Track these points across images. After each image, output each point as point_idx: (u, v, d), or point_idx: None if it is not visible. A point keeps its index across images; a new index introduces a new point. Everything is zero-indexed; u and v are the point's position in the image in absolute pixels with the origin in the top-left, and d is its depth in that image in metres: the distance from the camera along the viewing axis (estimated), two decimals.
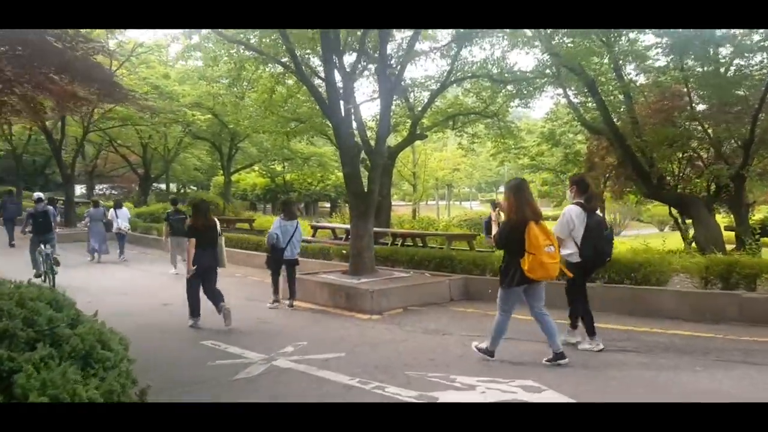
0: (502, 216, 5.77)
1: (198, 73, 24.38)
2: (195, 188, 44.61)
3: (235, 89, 21.30)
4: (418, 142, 32.07)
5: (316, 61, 13.75)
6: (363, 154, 12.39)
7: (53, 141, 21.36)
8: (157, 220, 20.43)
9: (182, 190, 42.60)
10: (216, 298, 7.61)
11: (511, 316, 5.76)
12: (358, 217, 9.90)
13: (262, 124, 22.84)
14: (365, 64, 13.71)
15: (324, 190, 38.05)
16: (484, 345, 5.83)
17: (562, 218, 6.12)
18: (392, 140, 17.24)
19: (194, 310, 7.67)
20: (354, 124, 11.34)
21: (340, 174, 38.82)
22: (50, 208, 12.30)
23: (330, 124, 12.08)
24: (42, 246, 11.33)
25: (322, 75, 11.01)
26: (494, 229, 5.78)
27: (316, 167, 33.20)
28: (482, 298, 9.39)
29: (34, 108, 10.03)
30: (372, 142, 12.15)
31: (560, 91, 15.32)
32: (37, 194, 13.18)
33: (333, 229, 16.83)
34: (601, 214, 6.21)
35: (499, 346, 5.83)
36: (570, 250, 6.03)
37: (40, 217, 11.84)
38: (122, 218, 15.44)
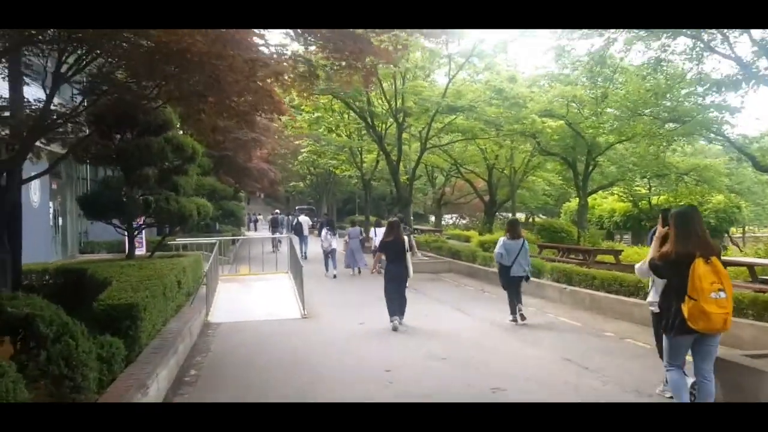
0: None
1: (549, 76, 20.97)
2: (543, 216, 41.20)
3: (598, 81, 17.18)
4: None
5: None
6: None
7: (390, 162, 20.30)
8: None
9: (530, 219, 39.55)
10: (402, 306, 8.80)
11: (682, 370, 4.51)
12: None
13: (627, 128, 18.06)
14: None
15: (702, 214, 29.81)
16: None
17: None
18: None
19: (392, 312, 8.77)
20: None
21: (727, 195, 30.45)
22: (282, 217, 26.21)
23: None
24: (275, 236, 22.84)
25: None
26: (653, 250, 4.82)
27: (693, 185, 26.15)
28: None
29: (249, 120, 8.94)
30: None
31: None
32: (276, 211, 22.72)
33: (751, 266, 11.01)
34: None
35: None
36: (651, 298, 5.29)
37: (275, 222, 25.25)
38: (380, 236, 15.78)
